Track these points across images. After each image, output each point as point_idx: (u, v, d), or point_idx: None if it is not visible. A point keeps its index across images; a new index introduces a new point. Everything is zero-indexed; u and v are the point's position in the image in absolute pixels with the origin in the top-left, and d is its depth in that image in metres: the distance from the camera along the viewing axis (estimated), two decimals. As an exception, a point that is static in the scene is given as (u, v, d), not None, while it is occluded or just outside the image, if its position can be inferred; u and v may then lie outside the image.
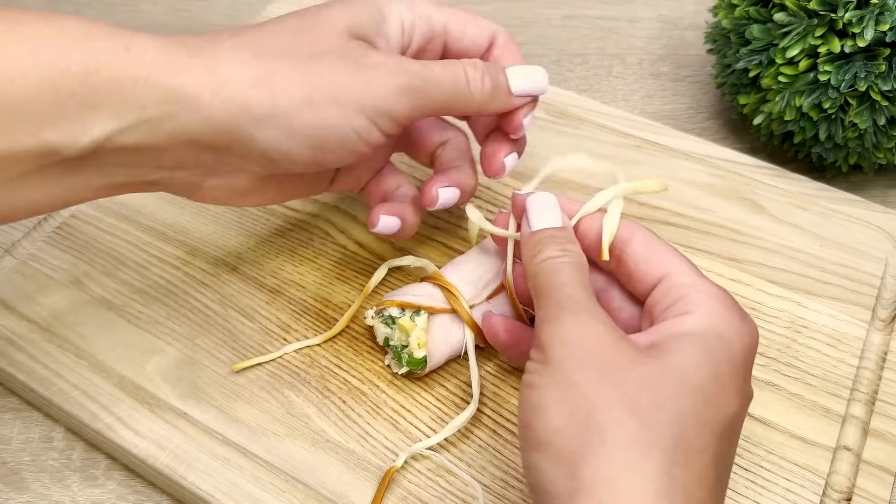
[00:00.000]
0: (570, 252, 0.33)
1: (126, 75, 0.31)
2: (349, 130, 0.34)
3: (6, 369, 0.41)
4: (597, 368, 0.29)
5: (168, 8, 0.67)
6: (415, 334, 0.39)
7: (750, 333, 0.31)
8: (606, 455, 0.27)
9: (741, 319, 0.32)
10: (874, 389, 0.41)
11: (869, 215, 0.48)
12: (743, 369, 0.31)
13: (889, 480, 0.38)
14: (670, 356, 0.29)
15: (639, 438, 0.27)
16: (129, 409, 0.40)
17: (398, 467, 0.38)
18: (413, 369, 0.40)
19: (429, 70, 0.35)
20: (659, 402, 0.28)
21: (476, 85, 0.36)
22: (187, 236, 0.47)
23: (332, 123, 0.34)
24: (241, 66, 0.33)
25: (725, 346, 0.30)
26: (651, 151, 0.52)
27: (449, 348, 0.40)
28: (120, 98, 0.31)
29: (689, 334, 0.30)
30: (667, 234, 0.47)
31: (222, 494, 0.37)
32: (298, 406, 0.40)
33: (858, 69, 0.46)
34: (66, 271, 0.45)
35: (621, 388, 0.28)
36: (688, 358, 0.29)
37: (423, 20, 0.38)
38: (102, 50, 0.31)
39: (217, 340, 0.42)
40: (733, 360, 0.30)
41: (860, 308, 0.44)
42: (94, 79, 0.30)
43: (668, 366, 0.29)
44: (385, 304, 0.40)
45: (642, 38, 0.66)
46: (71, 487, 0.40)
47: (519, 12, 0.69)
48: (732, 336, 0.31)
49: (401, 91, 0.35)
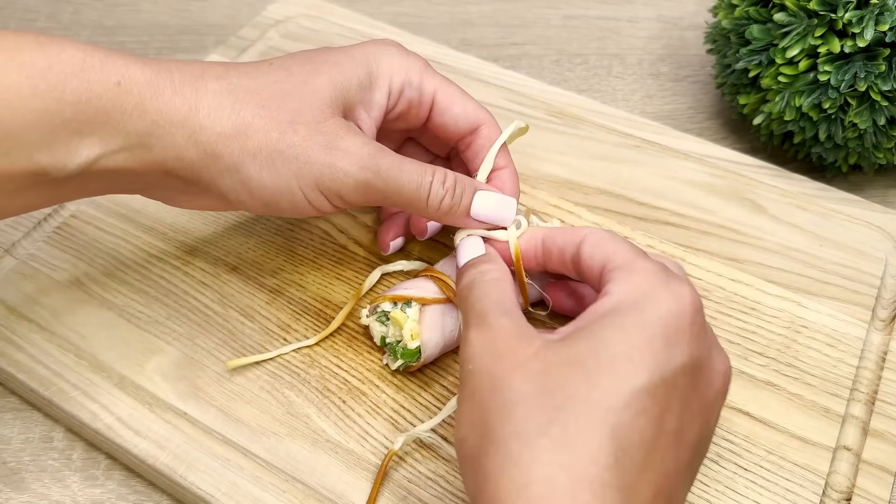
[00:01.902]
0: (485, 271, 0.36)
1: (115, 107, 0.33)
2: (301, 198, 0.36)
3: (6, 369, 0.41)
4: (491, 374, 0.30)
5: (168, 8, 0.67)
6: (407, 326, 0.39)
7: (675, 298, 0.31)
8: (494, 454, 0.28)
9: (663, 286, 0.31)
10: (874, 389, 0.41)
11: (869, 215, 0.49)
12: (664, 334, 0.30)
13: (889, 480, 0.38)
14: (576, 342, 0.30)
15: (522, 430, 0.28)
16: (129, 409, 0.40)
17: (396, 451, 0.38)
18: (408, 361, 0.40)
19: (395, 172, 0.36)
20: (548, 389, 0.29)
21: (434, 202, 0.37)
22: (187, 236, 0.47)
23: (286, 190, 0.36)
24: (219, 115, 0.35)
25: (638, 317, 0.30)
26: (651, 151, 0.52)
27: (443, 338, 0.40)
28: (107, 127, 0.33)
29: (601, 314, 0.31)
30: (667, 233, 0.47)
31: (222, 494, 0.37)
32: (298, 406, 0.40)
33: (858, 69, 0.46)
34: (67, 271, 0.45)
35: (512, 385, 0.29)
36: (590, 338, 0.30)
37: (412, 87, 0.40)
38: (95, 82, 0.33)
39: (217, 340, 0.42)
40: (647, 327, 0.30)
41: (860, 308, 0.44)
42: (86, 108, 0.32)
43: (565, 353, 0.30)
44: (378, 301, 0.40)
45: (642, 38, 0.66)
46: (71, 487, 0.40)
47: (519, 12, 0.69)
48: (649, 305, 0.30)
49: (359, 186, 0.36)
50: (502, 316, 0.32)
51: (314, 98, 0.36)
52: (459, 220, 0.39)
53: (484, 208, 0.38)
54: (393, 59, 0.39)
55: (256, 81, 0.36)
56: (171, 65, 0.35)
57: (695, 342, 0.30)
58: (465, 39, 0.66)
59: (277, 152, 0.35)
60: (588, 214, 0.48)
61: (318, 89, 0.36)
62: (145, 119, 0.34)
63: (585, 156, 0.52)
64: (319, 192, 0.36)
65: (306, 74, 0.37)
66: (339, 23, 0.60)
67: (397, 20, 0.66)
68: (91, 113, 0.32)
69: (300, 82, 0.36)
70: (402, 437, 0.38)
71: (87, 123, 0.32)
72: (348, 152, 0.36)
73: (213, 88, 0.35)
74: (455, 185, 0.38)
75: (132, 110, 0.33)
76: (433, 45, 0.59)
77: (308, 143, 0.35)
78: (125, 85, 0.33)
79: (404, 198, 0.37)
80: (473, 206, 0.38)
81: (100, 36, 0.64)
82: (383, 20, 0.62)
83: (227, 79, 0.36)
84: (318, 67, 0.37)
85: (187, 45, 0.64)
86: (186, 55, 0.63)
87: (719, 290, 0.45)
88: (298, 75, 0.37)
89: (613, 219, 0.48)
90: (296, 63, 0.37)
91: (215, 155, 0.35)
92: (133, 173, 0.35)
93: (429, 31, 0.66)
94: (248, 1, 0.67)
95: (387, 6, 0.69)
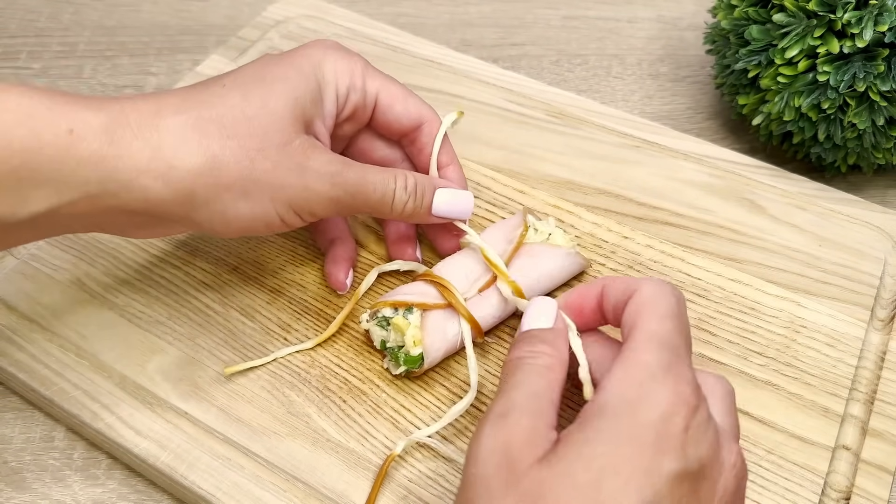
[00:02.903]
0: (539, 354, 0.33)
1: (68, 156, 0.32)
2: (276, 219, 0.37)
3: (7, 369, 0.41)
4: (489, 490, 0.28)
5: (168, 8, 0.67)
6: (410, 332, 0.39)
7: (669, 398, 0.28)
8: None
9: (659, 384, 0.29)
10: (873, 389, 0.42)
11: (868, 215, 0.49)
12: (655, 442, 0.27)
13: (888, 480, 0.38)
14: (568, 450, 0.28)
15: None
16: (130, 409, 0.40)
17: (396, 454, 0.38)
18: (411, 368, 0.40)
19: (361, 185, 0.38)
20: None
21: (398, 206, 0.39)
22: (188, 236, 0.47)
23: (262, 215, 0.36)
24: (186, 151, 0.34)
25: (627, 422, 0.28)
26: (650, 152, 0.52)
27: (445, 343, 0.40)
28: (62, 177, 0.32)
29: (594, 413, 0.29)
30: (666, 233, 0.47)
31: (223, 494, 0.37)
32: (299, 405, 0.40)
33: (857, 70, 0.46)
34: (68, 271, 0.45)
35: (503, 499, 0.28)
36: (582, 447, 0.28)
37: (356, 91, 0.40)
38: (45, 130, 0.31)
39: (218, 340, 0.43)
40: (637, 434, 0.28)
41: (859, 308, 0.44)
42: (36, 157, 0.31)
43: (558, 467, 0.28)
44: (378, 306, 0.40)
45: (642, 39, 0.67)
46: (72, 487, 0.40)
47: (518, 13, 0.69)
48: (641, 407, 0.28)
49: (331, 202, 0.37)
50: (524, 415, 0.30)
51: (276, 120, 0.36)
52: (423, 218, 0.41)
53: (444, 205, 0.41)
54: (336, 64, 0.39)
55: (215, 109, 0.35)
56: (124, 105, 0.34)
57: (692, 446, 0.28)
58: (465, 40, 0.66)
59: (252, 181, 0.35)
60: (587, 215, 0.48)
61: (277, 111, 0.36)
62: (105, 166, 0.32)
63: (585, 156, 0.52)
64: (293, 212, 0.37)
65: (263, 96, 0.36)
66: (339, 23, 0.60)
67: (397, 21, 0.67)
68: (42, 161, 0.31)
69: (259, 106, 0.36)
70: (403, 441, 0.38)
71: (38, 173, 0.31)
72: (318, 172, 0.37)
73: (173, 124, 0.34)
74: (416, 187, 0.40)
75: (88, 157, 0.32)
76: (433, 46, 0.59)
77: (279, 169, 0.36)
78: (79, 132, 0.32)
79: (371, 205, 0.39)
80: (434, 205, 0.41)
81: (100, 36, 0.64)
82: (383, 21, 0.62)
83: (186, 112, 0.35)
84: (271, 87, 0.37)
85: (188, 45, 0.64)
86: (187, 55, 0.63)
87: (719, 290, 0.45)
88: (255, 98, 0.36)
89: (613, 219, 0.48)
90: (248, 83, 0.37)
91: (189, 192, 0.34)
92: (92, 218, 0.34)
93: (429, 31, 0.66)
94: (248, 1, 0.68)
95: (387, 7, 0.69)
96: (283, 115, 0.36)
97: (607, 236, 0.47)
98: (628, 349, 0.30)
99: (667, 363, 0.30)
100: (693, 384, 0.29)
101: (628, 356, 0.30)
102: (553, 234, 0.43)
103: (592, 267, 0.46)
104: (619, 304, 0.33)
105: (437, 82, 0.56)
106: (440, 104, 0.54)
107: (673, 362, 0.30)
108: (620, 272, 0.46)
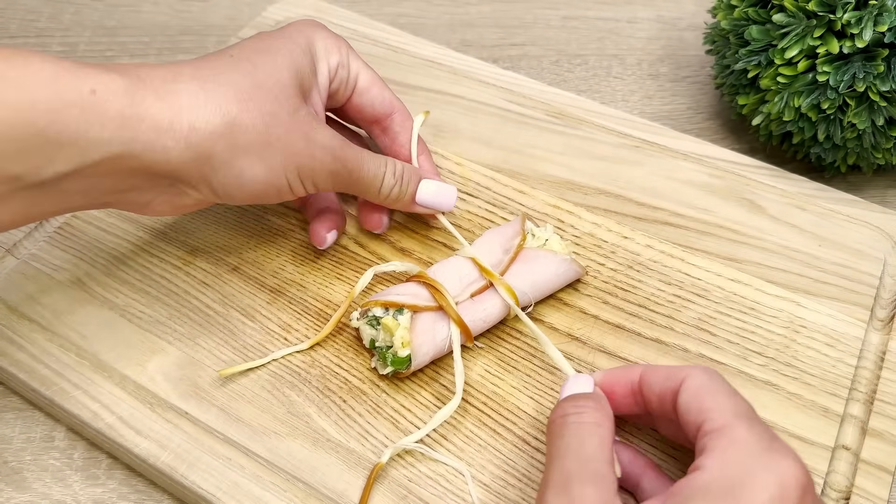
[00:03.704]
0: (584, 410, 0.32)
1: (92, 117, 0.32)
2: (286, 186, 0.38)
3: (8, 369, 0.41)
4: None
5: (168, 8, 0.67)
6: (398, 333, 0.39)
7: (776, 480, 0.28)
8: None
9: (763, 465, 0.28)
10: (873, 389, 0.42)
11: (867, 215, 0.49)
12: None
13: (888, 480, 0.38)
14: None
15: None
16: (131, 409, 0.40)
17: (383, 464, 0.38)
18: (398, 368, 0.40)
19: (358, 164, 0.40)
20: None
21: (385, 191, 0.42)
22: (188, 236, 0.47)
23: (276, 180, 0.38)
24: (205, 113, 0.35)
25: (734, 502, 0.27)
26: (650, 152, 0.52)
27: (434, 346, 0.40)
28: (86, 137, 0.32)
29: (690, 496, 0.28)
30: (666, 234, 0.48)
31: (223, 494, 0.37)
32: (299, 405, 0.40)
33: (857, 70, 0.46)
34: (68, 271, 0.45)
35: None
36: None
37: (343, 67, 0.42)
38: (69, 90, 0.32)
39: (218, 340, 0.43)
40: None
41: (859, 308, 0.44)
42: (62, 117, 0.31)
43: None
44: (369, 305, 0.40)
45: (641, 39, 0.67)
46: (72, 487, 0.40)
47: (518, 13, 0.69)
48: (745, 491, 0.27)
49: (331, 174, 0.39)
50: (588, 484, 0.29)
51: (284, 88, 0.37)
52: (406, 206, 0.44)
53: (427, 195, 0.44)
54: (327, 41, 0.41)
55: (228, 76, 0.36)
56: (141, 70, 0.35)
57: None
58: (465, 40, 0.66)
59: (267, 145, 0.36)
60: (587, 215, 0.48)
61: (284, 80, 0.38)
62: (128, 126, 0.33)
63: (585, 156, 0.52)
64: (300, 180, 0.39)
65: (271, 66, 0.38)
66: (339, 23, 0.60)
67: (397, 21, 0.67)
68: (68, 121, 0.32)
69: (269, 74, 0.37)
70: (389, 449, 0.38)
71: (63, 134, 0.32)
72: (322, 144, 0.38)
73: (192, 88, 0.35)
74: (403, 175, 0.42)
75: (112, 118, 0.33)
76: (433, 46, 0.59)
77: (291, 135, 0.37)
78: (101, 93, 0.32)
79: (361, 186, 0.41)
80: (420, 195, 0.43)
81: (101, 36, 0.64)
82: (383, 21, 0.62)
83: (201, 77, 0.36)
84: (275, 58, 0.38)
85: (188, 45, 0.64)
86: (187, 56, 0.63)
87: (718, 290, 0.45)
88: (264, 67, 0.37)
89: (613, 219, 0.48)
90: (254, 54, 0.38)
91: (208, 154, 0.35)
92: (115, 179, 0.35)
93: (429, 31, 0.66)
94: (248, 2, 0.68)
95: (387, 7, 0.69)
96: (290, 84, 0.38)
97: (607, 236, 0.47)
98: (717, 430, 0.29)
99: (764, 437, 0.29)
100: (797, 460, 0.29)
101: (723, 433, 0.29)
102: (550, 239, 0.43)
103: (592, 268, 0.46)
104: (667, 391, 0.33)
105: (437, 82, 0.56)
106: (440, 104, 0.54)
107: (766, 435, 0.30)
108: (620, 272, 0.46)
